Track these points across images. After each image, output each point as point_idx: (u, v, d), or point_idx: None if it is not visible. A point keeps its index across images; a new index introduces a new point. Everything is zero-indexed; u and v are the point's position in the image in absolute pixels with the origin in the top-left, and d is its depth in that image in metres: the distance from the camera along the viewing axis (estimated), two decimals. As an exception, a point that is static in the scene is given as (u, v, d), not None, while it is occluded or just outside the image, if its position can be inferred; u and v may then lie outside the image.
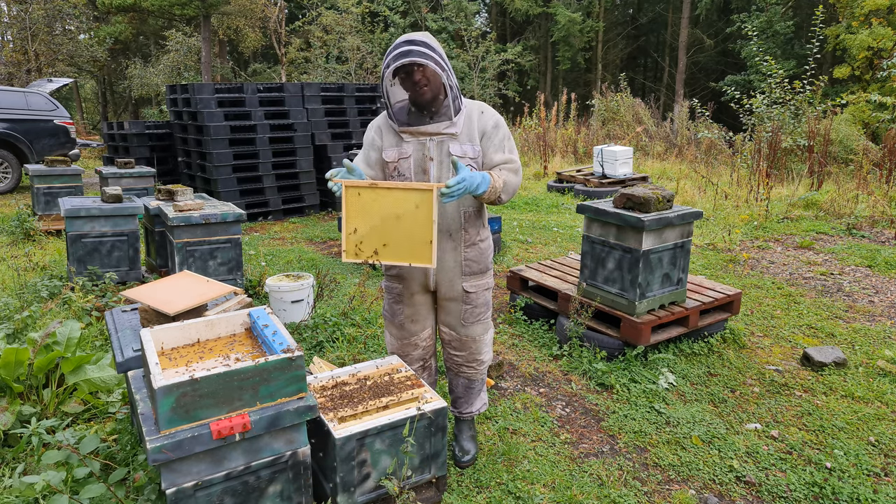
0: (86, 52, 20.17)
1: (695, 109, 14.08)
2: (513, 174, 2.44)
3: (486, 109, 2.49)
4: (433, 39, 2.36)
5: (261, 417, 1.97)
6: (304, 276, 4.33)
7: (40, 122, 10.04)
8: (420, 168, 2.42)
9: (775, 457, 2.81)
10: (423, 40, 2.31)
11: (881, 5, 16.36)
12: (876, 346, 3.98)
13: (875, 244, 6.43)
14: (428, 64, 2.26)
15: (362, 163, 2.52)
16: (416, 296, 2.61)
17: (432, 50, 2.31)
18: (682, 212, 3.60)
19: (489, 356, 2.76)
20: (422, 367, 2.78)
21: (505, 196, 2.41)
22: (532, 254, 6.28)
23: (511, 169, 2.44)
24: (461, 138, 2.40)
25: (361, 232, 2.30)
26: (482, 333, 2.68)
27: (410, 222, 2.26)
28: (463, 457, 2.72)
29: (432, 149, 2.40)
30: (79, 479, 2.25)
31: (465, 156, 2.40)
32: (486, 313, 2.67)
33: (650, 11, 29.53)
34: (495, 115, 2.49)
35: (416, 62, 2.25)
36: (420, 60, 2.24)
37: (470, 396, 2.80)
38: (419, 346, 2.72)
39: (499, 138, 2.45)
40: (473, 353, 2.68)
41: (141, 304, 2.69)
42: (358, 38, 22.68)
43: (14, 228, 6.71)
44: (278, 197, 8.29)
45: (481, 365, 2.74)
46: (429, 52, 2.29)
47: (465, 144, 2.40)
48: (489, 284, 2.65)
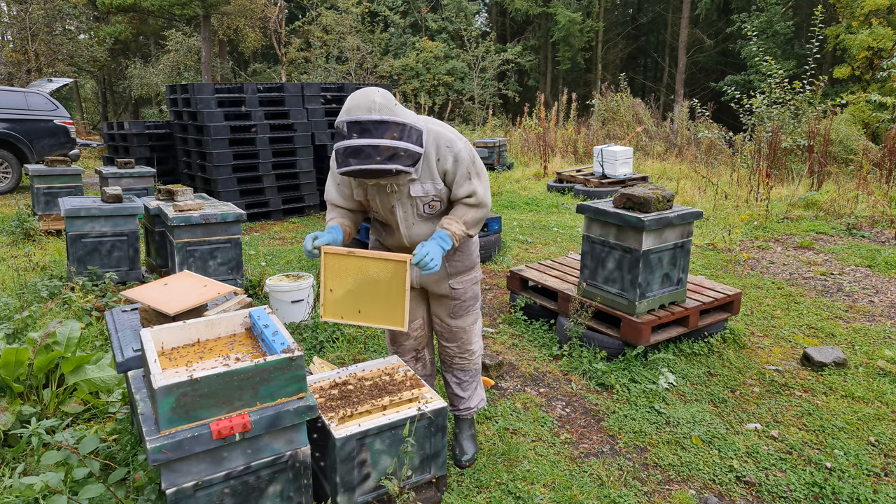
0: (86, 52, 20.18)
1: (695, 109, 14.09)
2: (472, 209, 2.45)
3: (439, 143, 2.38)
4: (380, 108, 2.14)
5: (261, 417, 1.97)
6: (304, 276, 4.33)
7: (40, 122, 10.04)
8: (387, 208, 2.50)
9: (775, 457, 2.81)
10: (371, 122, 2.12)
11: (881, 5, 16.36)
12: (876, 346, 3.98)
13: (875, 244, 6.43)
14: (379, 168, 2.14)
15: (336, 194, 2.57)
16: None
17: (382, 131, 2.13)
18: (682, 212, 3.60)
19: (479, 346, 2.83)
20: (415, 359, 2.85)
21: (473, 231, 2.48)
22: (532, 254, 6.28)
23: (472, 203, 2.45)
24: (421, 178, 2.42)
25: (337, 293, 2.43)
26: (471, 324, 2.75)
27: (385, 288, 2.39)
28: (462, 457, 2.72)
29: (394, 194, 2.45)
30: (78, 480, 2.25)
31: (427, 194, 2.44)
32: (475, 305, 2.74)
33: (650, 11, 29.53)
34: (454, 149, 2.38)
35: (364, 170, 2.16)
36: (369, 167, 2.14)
37: (466, 392, 2.83)
38: (410, 336, 2.80)
39: (460, 174, 2.42)
40: (464, 343, 2.75)
41: (141, 304, 2.69)
42: (358, 38, 22.68)
43: (14, 228, 6.71)
44: (278, 197, 8.28)
45: (472, 355, 2.79)
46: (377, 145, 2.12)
47: (426, 184, 2.43)
48: (476, 279, 2.72)
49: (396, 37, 25.37)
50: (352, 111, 2.16)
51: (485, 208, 2.48)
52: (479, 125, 20.40)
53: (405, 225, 2.51)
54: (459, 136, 2.45)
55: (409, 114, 2.28)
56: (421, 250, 2.32)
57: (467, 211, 2.45)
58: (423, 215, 2.50)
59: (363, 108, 2.15)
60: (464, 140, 2.45)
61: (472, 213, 2.46)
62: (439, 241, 2.38)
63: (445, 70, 23.57)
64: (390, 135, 2.16)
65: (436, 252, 2.34)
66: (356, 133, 2.14)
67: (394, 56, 24.50)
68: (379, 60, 23.61)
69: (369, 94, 2.19)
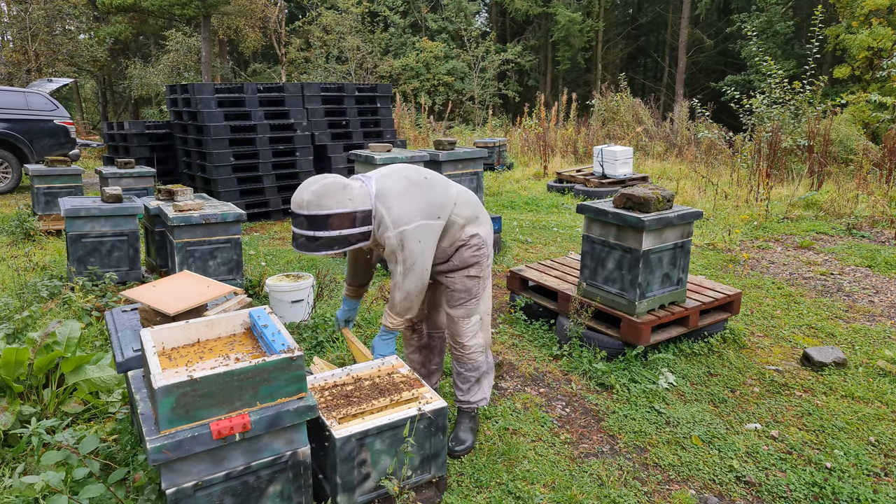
0: (86, 52, 20.18)
1: (695, 109, 14.08)
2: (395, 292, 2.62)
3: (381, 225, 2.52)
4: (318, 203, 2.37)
5: (261, 417, 1.97)
6: (304, 276, 4.33)
7: (40, 122, 10.03)
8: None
9: (775, 457, 2.81)
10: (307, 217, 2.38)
11: (881, 5, 16.36)
12: (876, 346, 3.98)
13: (875, 244, 6.43)
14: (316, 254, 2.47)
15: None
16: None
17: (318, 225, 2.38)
18: (682, 212, 3.60)
19: (475, 343, 2.86)
20: (410, 329, 3.08)
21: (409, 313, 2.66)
22: (532, 254, 6.28)
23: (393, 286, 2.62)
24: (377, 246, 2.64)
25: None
26: (462, 317, 2.81)
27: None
28: (456, 446, 2.75)
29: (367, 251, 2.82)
30: (78, 480, 2.25)
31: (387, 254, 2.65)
32: (469, 301, 2.80)
33: (650, 11, 29.54)
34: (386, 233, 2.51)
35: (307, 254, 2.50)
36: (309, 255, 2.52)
37: (464, 385, 2.88)
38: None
39: (387, 254, 2.59)
40: (454, 334, 2.85)
41: (141, 304, 2.69)
42: (358, 38, 22.69)
43: (14, 228, 6.71)
44: (278, 197, 8.28)
45: (464, 349, 2.85)
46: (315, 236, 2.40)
47: (380, 249, 2.64)
48: (470, 274, 2.80)
49: (396, 37, 25.37)
50: (293, 203, 2.44)
51: (406, 293, 2.60)
52: (479, 125, 20.40)
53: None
54: (399, 222, 2.49)
55: (356, 196, 2.44)
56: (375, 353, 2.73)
57: (394, 295, 2.65)
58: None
59: (296, 203, 2.41)
60: (400, 228, 2.50)
61: (397, 296, 2.62)
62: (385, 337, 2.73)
63: (445, 70, 23.58)
64: (318, 226, 2.39)
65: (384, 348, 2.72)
66: (296, 223, 2.44)
67: (394, 56, 24.50)
68: (379, 60, 23.62)
69: (303, 191, 2.41)
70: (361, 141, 9.09)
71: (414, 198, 2.54)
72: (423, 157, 5.82)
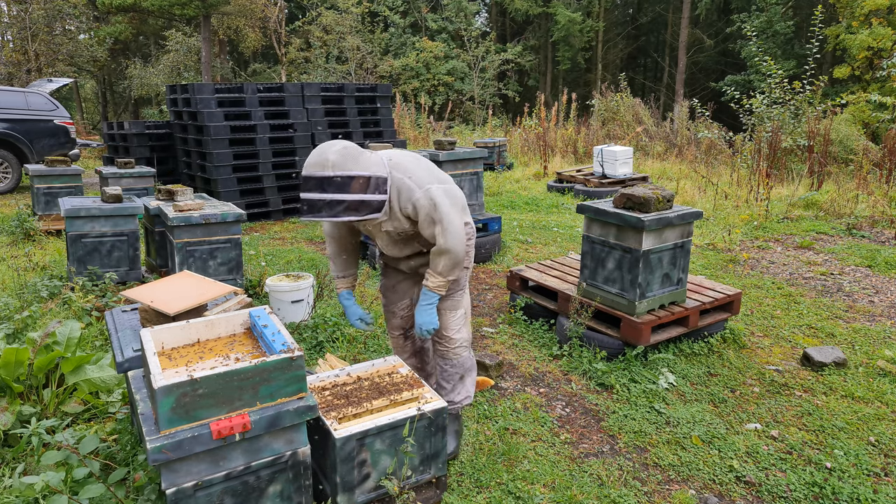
0: (86, 52, 20.17)
1: (695, 109, 14.08)
2: (440, 257, 2.54)
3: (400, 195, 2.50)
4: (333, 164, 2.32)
5: (261, 417, 1.97)
6: (304, 276, 4.33)
7: (40, 122, 10.03)
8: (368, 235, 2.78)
9: (775, 457, 2.81)
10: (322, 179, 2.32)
11: (881, 5, 16.36)
12: (876, 346, 3.98)
13: (875, 244, 6.43)
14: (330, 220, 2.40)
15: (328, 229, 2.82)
16: (394, 270, 2.94)
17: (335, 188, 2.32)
18: (682, 212, 3.60)
19: (460, 337, 2.84)
20: (403, 336, 3.05)
21: (452, 275, 2.58)
22: (532, 254, 6.28)
23: (437, 252, 2.54)
24: (392, 219, 2.58)
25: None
26: (450, 309, 2.79)
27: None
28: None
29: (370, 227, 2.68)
30: (78, 480, 2.25)
31: (396, 230, 2.61)
32: (456, 292, 2.78)
33: (650, 11, 29.53)
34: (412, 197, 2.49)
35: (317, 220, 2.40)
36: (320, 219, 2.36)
37: (448, 384, 2.85)
38: (397, 315, 3.00)
39: (422, 218, 2.52)
40: (441, 328, 2.82)
41: (141, 304, 2.69)
42: (358, 38, 22.69)
43: (14, 228, 6.71)
44: (278, 197, 8.28)
45: (451, 343, 2.82)
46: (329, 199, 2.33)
47: (396, 222, 2.58)
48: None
49: (396, 37, 25.38)
50: (308, 167, 2.35)
51: (451, 254, 2.52)
52: (479, 125, 20.40)
53: (386, 247, 2.77)
54: (421, 184, 2.50)
55: (373, 163, 2.41)
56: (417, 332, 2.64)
57: (437, 260, 2.56)
58: (397, 240, 2.70)
59: (317, 164, 2.33)
60: (426, 188, 2.49)
61: (442, 261, 2.54)
62: (425, 302, 2.62)
63: (445, 70, 23.57)
64: (339, 189, 2.34)
65: (425, 313, 2.61)
66: (310, 187, 2.34)
67: (394, 56, 24.50)
68: (379, 60, 23.62)
69: (325, 152, 2.35)
70: (361, 141, 9.08)
71: (426, 168, 2.61)
72: (423, 157, 5.81)
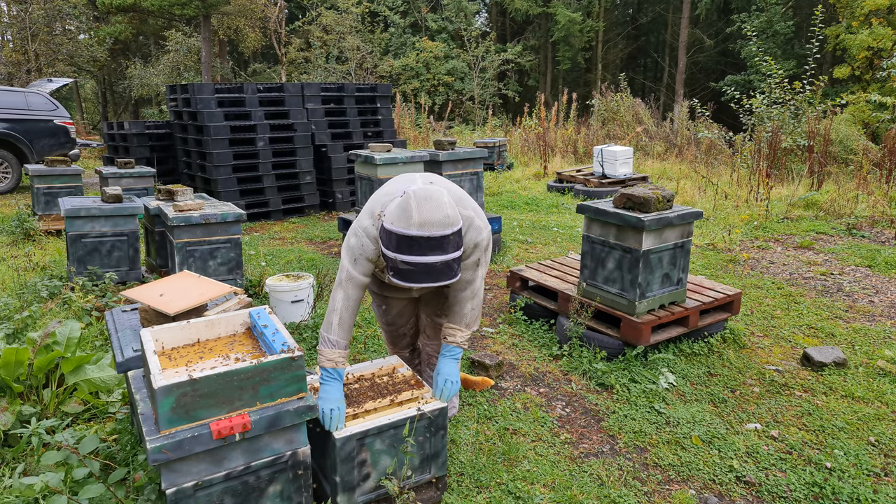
0: (86, 52, 20.17)
1: (695, 109, 14.08)
2: (470, 303, 2.45)
3: (471, 229, 2.33)
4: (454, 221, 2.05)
5: (261, 417, 1.97)
6: (304, 276, 4.33)
7: (40, 122, 10.04)
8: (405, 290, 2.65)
9: (775, 457, 2.81)
10: (446, 238, 2.02)
11: (881, 5, 16.36)
12: (876, 346, 3.98)
13: (875, 244, 6.43)
14: (451, 282, 2.12)
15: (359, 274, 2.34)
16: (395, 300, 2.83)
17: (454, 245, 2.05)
18: (682, 212, 3.60)
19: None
20: (411, 350, 3.08)
21: (476, 325, 2.53)
22: (532, 254, 6.28)
23: (469, 296, 2.45)
24: None
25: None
26: None
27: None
28: None
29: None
30: (78, 480, 2.25)
31: None
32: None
33: (650, 11, 29.53)
34: (478, 236, 2.35)
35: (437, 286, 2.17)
36: (444, 284, 2.09)
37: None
38: (406, 336, 3.02)
39: (472, 259, 2.40)
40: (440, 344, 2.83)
41: (141, 304, 2.69)
42: (358, 38, 22.69)
43: (14, 228, 6.71)
44: (278, 197, 8.29)
45: None
46: (451, 260, 2.05)
47: None
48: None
49: (396, 37, 25.37)
50: (425, 226, 2.00)
51: (479, 298, 2.50)
52: (479, 125, 20.40)
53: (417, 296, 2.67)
54: (485, 222, 2.40)
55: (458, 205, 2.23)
56: (442, 384, 2.40)
57: (465, 308, 2.46)
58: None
59: (439, 224, 2.01)
60: (487, 226, 2.41)
61: (470, 307, 2.48)
62: (452, 359, 2.46)
63: (445, 70, 23.57)
64: (455, 245, 2.07)
65: (454, 374, 2.43)
66: (428, 249, 2.00)
67: (394, 56, 24.50)
68: (379, 60, 23.62)
69: (443, 207, 2.04)
70: (361, 141, 9.09)
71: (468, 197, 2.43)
72: (423, 158, 5.82)
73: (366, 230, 2.30)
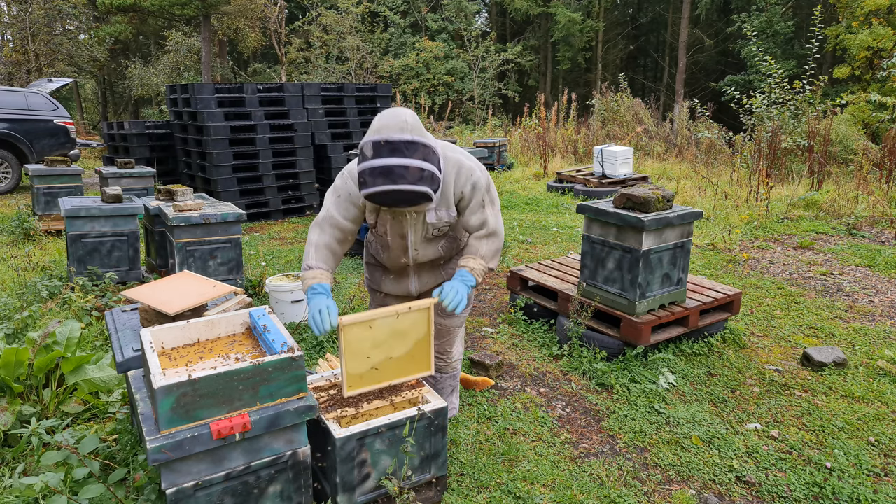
0: (86, 52, 20.17)
1: (695, 109, 14.09)
2: (488, 240, 2.44)
3: (461, 171, 2.37)
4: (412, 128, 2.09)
5: (261, 417, 1.97)
6: (304, 276, 4.32)
7: (40, 122, 10.04)
8: (397, 233, 2.50)
9: (775, 457, 2.81)
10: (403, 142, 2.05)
11: (881, 5, 16.36)
12: (876, 346, 3.98)
13: (875, 244, 6.43)
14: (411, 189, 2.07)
15: (339, 216, 2.41)
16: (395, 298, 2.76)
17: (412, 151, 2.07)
18: (682, 212, 3.60)
19: (459, 352, 2.89)
20: None
21: (493, 263, 2.47)
22: (532, 254, 6.28)
23: (485, 234, 2.44)
24: (438, 206, 2.43)
25: (360, 367, 2.30)
26: (458, 326, 2.81)
27: (407, 339, 2.34)
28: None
29: (410, 220, 2.45)
30: (78, 480, 2.25)
31: (441, 220, 2.44)
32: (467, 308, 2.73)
33: (650, 11, 29.54)
34: (472, 176, 2.38)
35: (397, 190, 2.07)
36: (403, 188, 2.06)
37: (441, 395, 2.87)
38: None
39: (476, 200, 2.41)
40: (444, 343, 2.82)
41: (141, 304, 2.69)
42: (358, 38, 22.69)
43: (14, 228, 6.71)
44: (278, 197, 8.29)
45: (450, 357, 2.86)
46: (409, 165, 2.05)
47: (441, 210, 2.43)
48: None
49: (396, 37, 25.38)
50: (382, 130, 2.09)
51: (498, 238, 2.47)
52: (479, 125, 20.41)
53: (413, 247, 2.53)
54: (478, 164, 2.45)
55: (431, 137, 2.24)
56: (449, 294, 2.26)
57: (481, 244, 2.44)
58: (429, 238, 2.51)
59: (395, 127, 2.09)
60: (481, 167, 2.45)
61: (486, 244, 2.44)
62: (464, 280, 2.34)
63: (445, 70, 23.58)
64: (420, 155, 2.09)
65: (463, 293, 2.30)
66: (386, 152, 2.06)
67: (394, 56, 24.50)
68: (379, 60, 23.62)
69: (401, 114, 2.13)
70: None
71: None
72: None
73: (350, 172, 2.41)
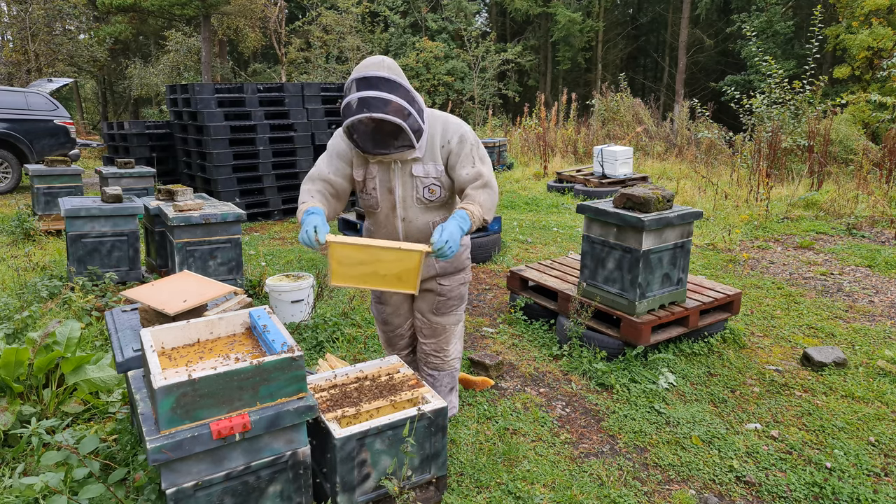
0: (86, 52, 20.16)
1: (695, 109, 14.08)
2: (484, 191, 2.45)
3: (448, 125, 2.49)
4: (389, 68, 2.31)
5: (261, 417, 1.97)
6: (304, 276, 4.33)
7: (40, 122, 10.04)
8: (385, 188, 2.53)
9: (775, 457, 2.81)
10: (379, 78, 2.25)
11: (881, 5, 16.36)
12: (876, 346, 3.98)
13: (875, 244, 6.43)
14: (386, 118, 2.25)
15: (329, 172, 2.55)
16: (394, 295, 2.81)
17: (390, 88, 2.26)
18: (682, 212, 3.60)
19: (457, 350, 2.87)
20: (411, 352, 3.01)
21: (489, 215, 2.47)
22: (532, 254, 6.27)
23: (481, 185, 2.45)
24: (424, 159, 2.47)
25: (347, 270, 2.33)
26: (453, 324, 2.80)
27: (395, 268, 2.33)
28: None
29: (397, 171, 2.49)
30: (78, 480, 2.25)
31: (428, 175, 2.47)
32: (460, 307, 2.77)
33: (650, 11, 29.53)
34: (459, 129, 2.48)
35: (372, 118, 2.26)
36: (377, 116, 2.23)
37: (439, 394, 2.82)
38: (405, 336, 2.95)
39: (465, 153, 2.46)
40: (441, 341, 2.81)
41: (141, 304, 2.69)
42: (358, 38, 22.68)
43: (14, 228, 6.71)
44: (278, 197, 8.29)
45: (448, 356, 2.84)
46: (386, 98, 2.24)
47: (428, 164, 2.47)
48: (464, 279, 2.76)
49: (396, 37, 25.37)
50: (361, 69, 2.29)
51: (494, 191, 2.48)
52: (479, 125, 20.40)
53: (402, 207, 2.52)
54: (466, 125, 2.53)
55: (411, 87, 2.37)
56: (440, 235, 2.22)
57: (478, 193, 2.44)
58: (421, 200, 2.51)
59: (374, 65, 2.29)
60: (469, 128, 2.52)
61: (484, 194, 2.44)
62: (459, 220, 2.31)
63: (445, 70, 23.57)
64: (400, 94, 2.26)
65: (455, 235, 2.24)
66: (365, 87, 2.24)
67: (394, 56, 24.49)
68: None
69: (380, 57, 2.33)
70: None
71: None
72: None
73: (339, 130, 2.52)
